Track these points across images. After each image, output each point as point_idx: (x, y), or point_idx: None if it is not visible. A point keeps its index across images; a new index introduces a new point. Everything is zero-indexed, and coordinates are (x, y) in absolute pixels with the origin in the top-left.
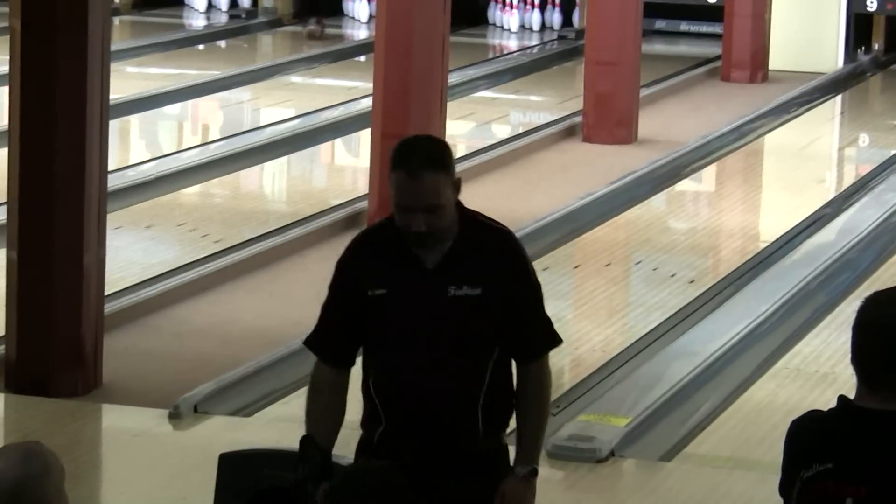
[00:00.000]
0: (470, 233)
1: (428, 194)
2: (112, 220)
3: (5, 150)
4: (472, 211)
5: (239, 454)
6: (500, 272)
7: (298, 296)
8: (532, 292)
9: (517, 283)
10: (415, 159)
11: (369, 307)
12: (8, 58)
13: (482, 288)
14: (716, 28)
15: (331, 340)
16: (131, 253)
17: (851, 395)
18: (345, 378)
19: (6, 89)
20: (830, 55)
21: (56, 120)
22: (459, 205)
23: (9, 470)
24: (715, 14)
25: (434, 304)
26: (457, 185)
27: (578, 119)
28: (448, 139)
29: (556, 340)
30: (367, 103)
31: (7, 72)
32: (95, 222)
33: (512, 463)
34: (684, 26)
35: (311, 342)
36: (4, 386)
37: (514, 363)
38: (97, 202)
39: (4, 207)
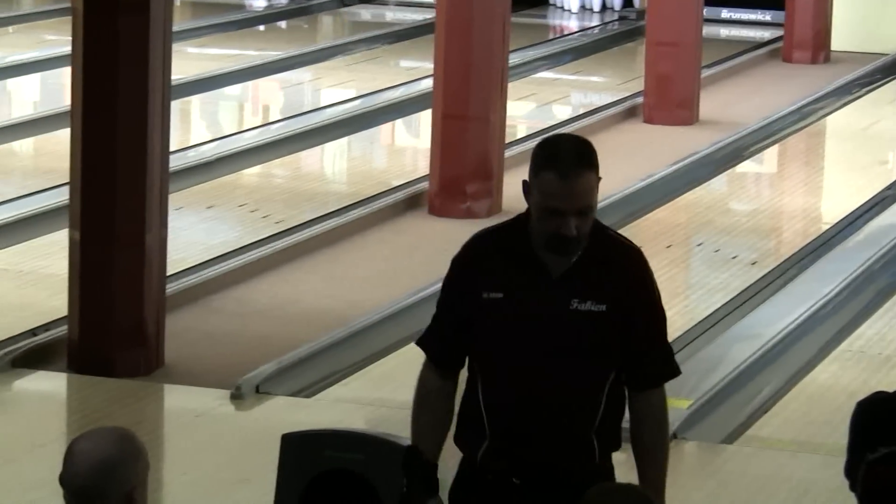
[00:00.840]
0: (599, 245)
1: (581, 195)
2: (173, 200)
3: (68, 131)
4: (600, 222)
5: (302, 434)
6: (625, 292)
7: (359, 277)
8: (656, 318)
9: (642, 306)
10: (566, 159)
11: (482, 310)
12: (70, 39)
13: (607, 305)
14: (758, 15)
15: (440, 341)
16: (193, 233)
17: None
18: (452, 384)
19: (69, 70)
20: (893, 36)
21: (118, 101)
22: None
23: (102, 448)
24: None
25: (554, 315)
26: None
27: (639, 100)
28: (508, 120)
29: (675, 371)
30: (427, 84)
31: (70, 53)
32: (157, 203)
33: None
34: (725, 13)
35: (422, 341)
36: (67, 366)
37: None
38: (159, 183)
39: (67, 188)
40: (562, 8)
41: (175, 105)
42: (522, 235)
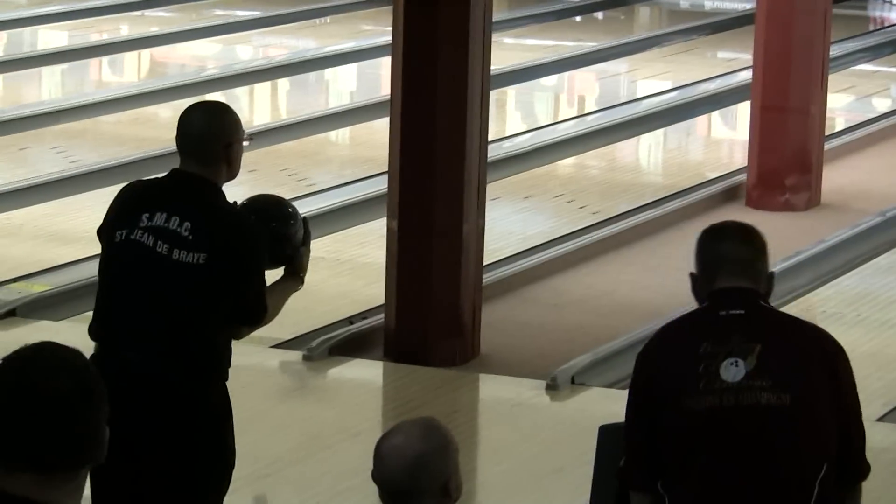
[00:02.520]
0: None
1: None
2: (490, 190)
3: (384, 121)
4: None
5: (619, 425)
6: None
7: (676, 269)
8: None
9: None
10: None
11: None
12: (388, 29)
13: None
14: None
15: None
16: (509, 224)
17: None
18: None
19: (385, 60)
20: None
21: (438, 91)
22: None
23: (412, 444)
24: None
25: None
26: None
27: None
28: (828, 113)
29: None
30: (745, 76)
31: (387, 43)
32: (475, 193)
33: None
34: None
35: None
36: (383, 354)
37: None
38: (477, 173)
39: (383, 177)
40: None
41: (492, 95)
42: None
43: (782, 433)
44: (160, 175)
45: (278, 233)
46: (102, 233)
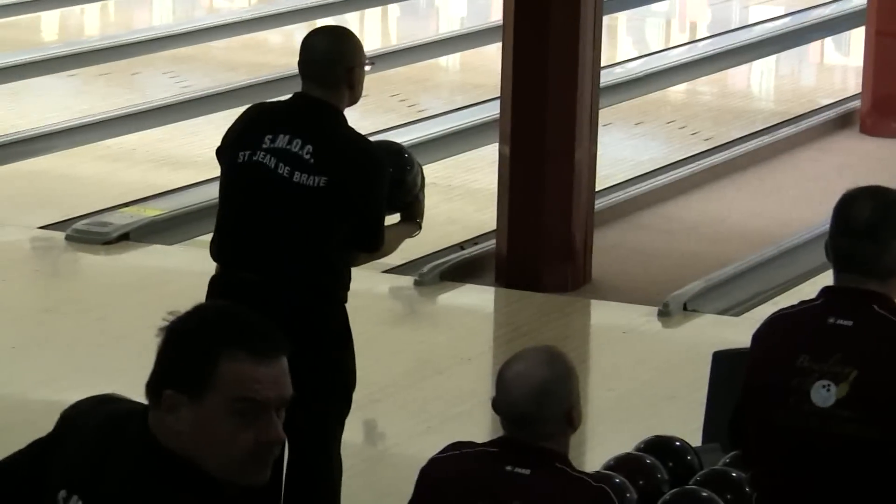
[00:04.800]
0: None
1: None
2: (601, 116)
3: (494, 46)
4: None
5: (733, 352)
6: None
7: (788, 196)
8: None
9: None
10: None
11: None
12: None
13: None
14: None
15: None
16: (620, 150)
17: None
18: None
19: None
20: None
21: (550, 16)
22: None
23: (537, 371)
24: None
25: None
26: None
27: None
28: None
29: None
30: (860, 0)
31: None
32: (587, 118)
33: None
34: None
35: None
36: (494, 280)
37: None
38: (589, 98)
39: (493, 103)
40: None
41: (604, 21)
42: None
43: (865, 467)
44: (283, 98)
45: (397, 179)
46: (222, 153)
